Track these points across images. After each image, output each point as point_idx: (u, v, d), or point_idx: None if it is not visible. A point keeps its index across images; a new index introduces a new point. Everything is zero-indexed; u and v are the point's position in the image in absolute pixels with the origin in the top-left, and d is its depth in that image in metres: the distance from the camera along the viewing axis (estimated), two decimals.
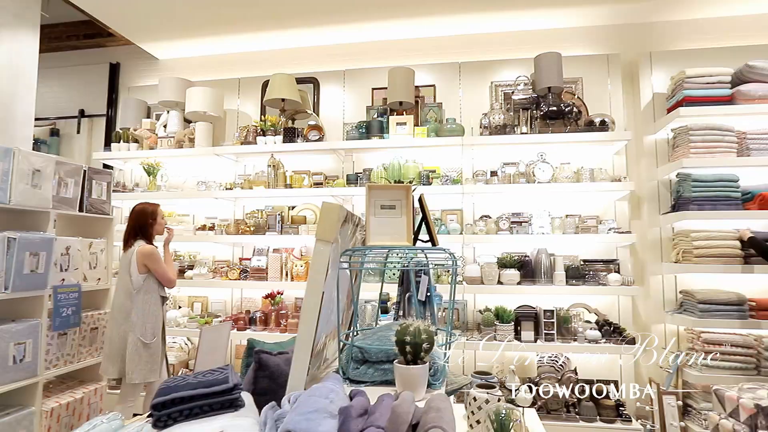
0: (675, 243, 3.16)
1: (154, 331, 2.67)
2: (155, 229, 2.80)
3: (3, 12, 3.06)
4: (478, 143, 3.35)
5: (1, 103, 3.05)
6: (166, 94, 3.84)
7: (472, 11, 3.46)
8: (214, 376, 1.04)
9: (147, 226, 2.77)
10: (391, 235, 1.28)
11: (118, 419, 1.48)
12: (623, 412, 2.97)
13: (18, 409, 2.42)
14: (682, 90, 3.05)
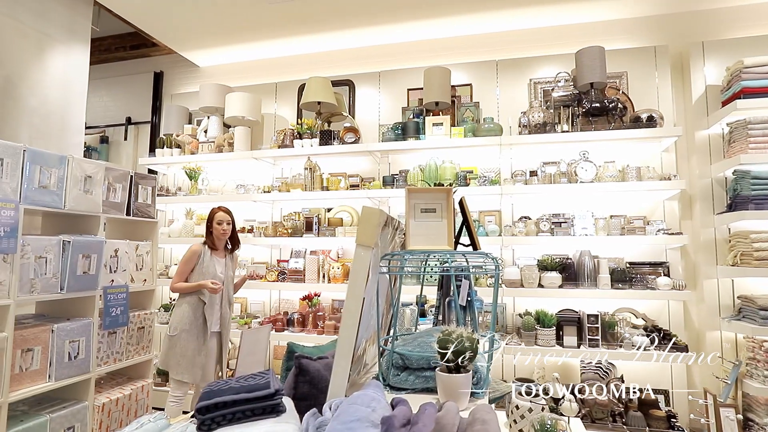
0: (732, 245, 2.96)
1: (177, 326, 2.82)
2: (213, 233, 2.93)
3: (57, 27, 3.23)
4: (516, 143, 3.26)
5: (55, 112, 3.22)
6: (206, 100, 3.95)
7: (509, 7, 3.38)
8: (255, 380, 1.04)
9: (208, 229, 2.97)
10: (432, 239, 1.25)
11: (164, 419, 1.51)
12: (675, 424, 2.80)
13: (73, 404, 2.54)
14: (739, 81, 2.86)
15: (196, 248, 2.88)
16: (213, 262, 2.91)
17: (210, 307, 2.85)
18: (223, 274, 2.93)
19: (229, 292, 2.96)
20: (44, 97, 3.13)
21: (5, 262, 2.16)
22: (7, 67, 2.89)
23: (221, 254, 2.97)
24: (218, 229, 2.90)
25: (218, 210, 2.94)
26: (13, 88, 2.92)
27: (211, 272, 2.88)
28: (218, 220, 2.91)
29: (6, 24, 2.89)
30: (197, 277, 2.85)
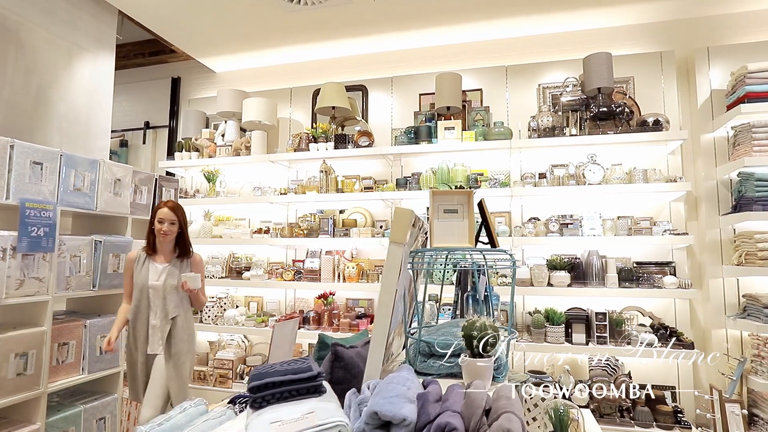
0: (737, 245, 3.04)
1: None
2: (153, 232, 2.47)
3: (85, 36, 3.37)
4: (526, 146, 3.36)
5: (82, 118, 3.36)
6: (224, 105, 4.08)
7: (518, 15, 3.48)
8: (297, 365, 1.15)
9: (149, 228, 2.50)
10: (454, 238, 1.36)
11: (203, 404, 1.64)
12: (682, 419, 2.89)
13: (103, 395, 2.67)
14: (743, 86, 2.95)
15: (131, 254, 2.48)
16: (146, 270, 2.43)
17: (135, 326, 2.40)
18: (159, 282, 2.42)
19: (166, 305, 2.41)
20: (72, 103, 3.27)
21: (45, 260, 2.29)
22: (40, 75, 3.03)
23: (162, 260, 2.48)
24: (158, 228, 2.42)
25: (163, 206, 2.44)
26: (45, 95, 3.06)
27: (141, 281, 2.40)
28: (159, 217, 2.42)
29: (39, 35, 3.04)
30: (130, 289, 2.46)
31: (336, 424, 0.94)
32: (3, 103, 2.81)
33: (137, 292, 2.39)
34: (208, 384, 3.75)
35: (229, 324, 3.74)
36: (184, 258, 2.53)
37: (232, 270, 3.96)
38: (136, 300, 2.39)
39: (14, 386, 2.14)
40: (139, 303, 2.39)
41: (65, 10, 3.23)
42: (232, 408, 1.59)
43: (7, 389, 2.10)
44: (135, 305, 2.39)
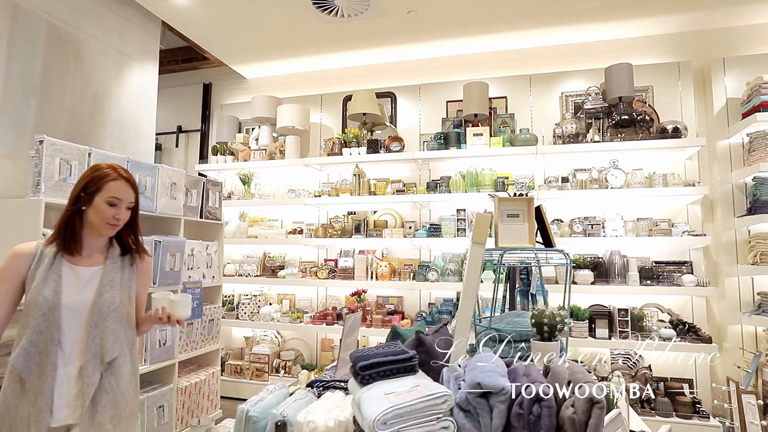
0: (752, 245, 3.23)
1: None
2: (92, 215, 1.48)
3: (133, 46, 3.57)
4: (551, 152, 3.55)
5: (130, 123, 3.56)
6: (258, 111, 4.28)
7: (542, 26, 3.67)
8: (392, 348, 1.34)
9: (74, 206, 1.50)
10: (516, 238, 1.54)
11: (285, 389, 1.83)
12: (700, 409, 3.07)
13: (161, 385, 2.86)
14: (759, 95, 3.13)
15: (21, 248, 1.47)
16: (55, 276, 1.43)
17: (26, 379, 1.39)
18: (85, 298, 1.46)
19: (98, 340, 1.45)
20: (122, 110, 3.46)
21: None
22: (95, 84, 3.23)
23: (89, 261, 1.51)
24: (107, 214, 1.46)
25: (115, 176, 1.48)
26: (99, 103, 3.26)
27: (46, 297, 1.39)
28: (112, 196, 1.46)
29: (94, 46, 3.23)
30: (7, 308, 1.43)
31: (443, 394, 1.12)
32: (65, 112, 3.01)
33: (36, 318, 1.38)
34: (245, 377, 3.94)
35: (265, 320, 3.94)
36: (133, 258, 1.59)
37: (267, 268, 4.15)
38: (33, 332, 1.38)
39: None
40: (39, 337, 1.38)
41: (116, 22, 3.42)
42: (311, 391, 1.78)
43: None
44: (28, 341, 1.38)
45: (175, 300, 1.60)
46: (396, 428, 1.06)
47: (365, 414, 1.12)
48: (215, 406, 3.31)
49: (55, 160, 2.22)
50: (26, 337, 1.40)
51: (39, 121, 2.81)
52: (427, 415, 1.10)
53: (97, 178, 1.49)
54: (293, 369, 3.89)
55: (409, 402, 1.10)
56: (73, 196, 1.50)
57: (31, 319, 1.40)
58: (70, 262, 1.48)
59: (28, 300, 1.41)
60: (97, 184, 1.47)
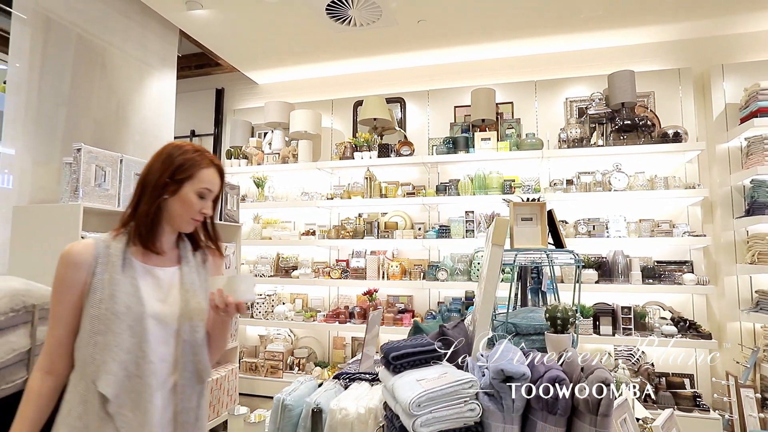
0: (750, 245, 3.36)
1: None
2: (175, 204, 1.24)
3: (153, 55, 3.71)
4: (556, 155, 3.68)
5: (150, 129, 3.69)
6: (271, 116, 4.41)
7: (547, 33, 3.80)
8: (418, 341, 1.48)
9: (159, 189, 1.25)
10: (530, 240, 1.68)
11: (313, 380, 1.97)
12: (701, 403, 3.20)
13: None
14: (756, 101, 3.26)
15: (77, 248, 1.18)
16: (131, 280, 1.18)
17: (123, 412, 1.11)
18: (170, 308, 1.22)
19: (194, 358, 1.23)
20: (143, 116, 3.60)
21: None
22: (119, 92, 3.37)
23: (163, 261, 1.27)
24: (196, 207, 1.24)
25: (209, 163, 1.27)
26: (122, 110, 3.40)
27: (128, 306, 1.14)
28: (204, 187, 1.25)
29: (118, 56, 3.37)
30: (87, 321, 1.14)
31: (469, 380, 1.26)
32: (91, 119, 3.15)
33: (119, 332, 1.12)
34: (260, 374, 4.07)
35: (279, 319, 4.07)
36: (204, 256, 1.36)
37: (280, 269, 4.28)
38: (118, 350, 1.11)
39: None
40: (128, 356, 1.12)
41: (138, 32, 3.56)
42: (338, 382, 1.91)
43: None
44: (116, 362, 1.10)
45: (234, 277, 1.21)
46: (429, 409, 1.20)
47: (400, 398, 1.25)
48: (234, 401, 3.44)
49: (91, 167, 2.36)
50: (109, 357, 1.10)
51: (68, 129, 2.95)
52: (456, 399, 1.23)
53: (189, 163, 1.23)
54: (306, 366, 4.02)
55: (439, 387, 1.23)
56: (156, 182, 1.22)
57: (112, 336, 1.11)
58: (143, 262, 1.23)
59: (103, 311, 1.12)
60: (188, 171, 1.23)
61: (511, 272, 1.70)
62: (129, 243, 1.23)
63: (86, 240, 1.21)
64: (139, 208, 1.23)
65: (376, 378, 1.80)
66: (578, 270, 1.66)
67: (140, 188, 1.25)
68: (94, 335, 1.13)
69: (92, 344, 1.12)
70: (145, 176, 1.26)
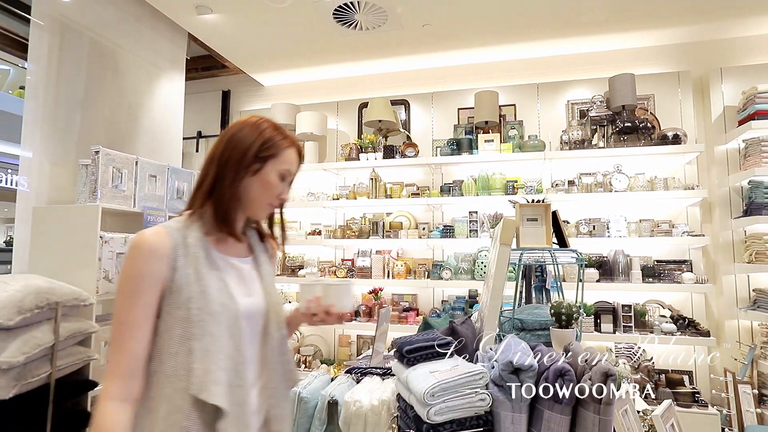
0: (748, 245, 3.43)
1: None
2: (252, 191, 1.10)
3: (162, 58, 3.79)
4: (558, 157, 3.75)
5: (160, 130, 3.77)
6: (277, 117, 4.49)
7: (549, 37, 3.87)
8: (429, 336, 1.55)
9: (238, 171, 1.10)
10: (535, 239, 1.75)
11: (326, 374, 2.05)
12: (699, 399, 3.28)
13: None
14: (754, 104, 3.34)
15: (150, 237, 0.99)
16: (216, 273, 1.03)
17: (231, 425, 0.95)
18: (258, 301, 1.10)
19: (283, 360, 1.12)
20: (152, 118, 3.68)
21: None
22: (130, 95, 3.44)
23: (237, 250, 1.13)
24: (276, 187, 1.10)
25: (291, 142, 1.13)
26: (133, 112, 3.47)
27: (223, 304, 0.99)
28: (285, 168, 1.11)
29: (129, 59, 3.44)
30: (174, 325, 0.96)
31: (480, 371, 1.33)
32: (104, 121, 3.22)
33: (217, 334, 0.97)
34: None
35: None
36: (268, 246, 1.23)
37: (287, 268, 4.36)
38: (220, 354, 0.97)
39: None
40: (230, 362, 0.98)
41: (148, 36, 3.64)
42: (350, 376, 1.99)
43: None
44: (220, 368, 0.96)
45: (333, 285, 1.14)
46: (442, 399, 1.28)
47: (415, 389, 1.33)
48: None
49: (108, 169, 2.43)
50: (213, 365, 0.93)
51: (82, 131, 3.02)
52: (467, 389, 1.31)
53: (274, 140, 1.09)
54: (313, 363, 4.10)
55: (452, 378, 1.31)
56: (241, 158, 1.05)
57: (210, 339, 0.94)
58: (221, 253, 1.07)
59: (195, 312, 0.95)
60: (273, 149, 1.09)
61: (516, 271, 1.78)
62: (205, 230, 1.06)
63: (156, 228, 1.02)
64: (217, 190, 1.06)
65: (386, 372, 1.87)
66: (582, 269, 1.73)
67: (217, 167, 1.07)
68: (187, 341, 0.95)
69: (186, 352, 0.94)
70: (224, 152, 1.07)
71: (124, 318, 0.95)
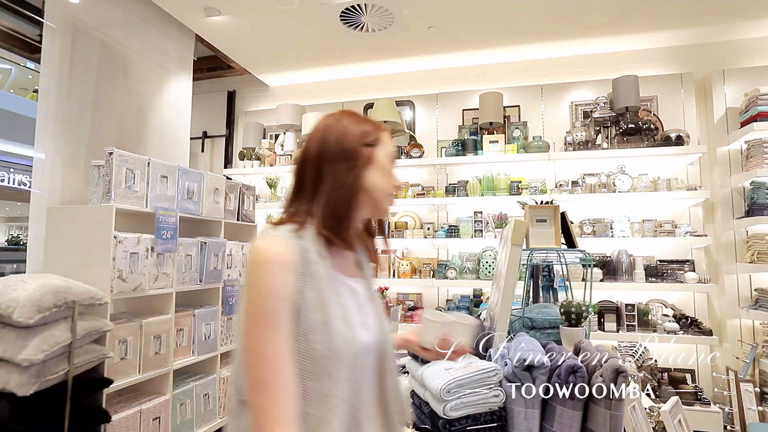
0: (749, 245, 3.47)
1: None
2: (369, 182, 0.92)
3: (170, 60, 3.82)
4: (562, 158, 3.79)
5: (168, 131, 3.81)
6: (283, 118, 4.53)
7: (553, 39, 3.91)
8: None
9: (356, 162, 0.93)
10: (544, 240, 1.79)
11: None
12: (701, 397, 3.32)
13: (205, 375, 3.11)
14: (756, 106, 3.37)
15: (277, 253, 0.81)
16: (339, 299, 0.85)
17: None
18: (379, 335, 0.92)
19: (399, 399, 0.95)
20: (161, 119, 3.71)
21: (170, 258, 2.73)
22: (139, 96, 3.48)
23: (351, 268, 0.95)
24: (391, 174, 0.96)
25: (381, 126, 0.98)
26: (142, 113, 3.51)
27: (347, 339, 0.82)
28: (391, 144, 0.98)
29: (138, 61, 3.48)
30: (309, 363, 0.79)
31: (494, 368, 1.37)
32: (114, 122, 3.26)
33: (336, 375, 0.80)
34: None
35: None
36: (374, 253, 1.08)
37: None
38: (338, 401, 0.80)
39: (153, 363, 2.58)
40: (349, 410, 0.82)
41: (157, 38, 3.67)
42: None
43: (148, 365, 2.55)
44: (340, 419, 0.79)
45: (466, 325, 1.07)
46: (458, 395, 1.32)
47: (430, 385, 1.37)
48: None
49: (122, 170, 2.47)
50: (330, 413, 0.78)
51: (93, 133, 3.06)
52: (482, 385, 1.35)
53: (371, 126, 0.95)
54: None
55: (467, 375, 1.35)
56: (346, 151, 0.89)
57: (329, 381, 0.79)
58: (337, 271, 0.89)
59: (315, 347, 0.79)
60: (375, 134, 0.94)
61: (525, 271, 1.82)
62: (317, 242, 0.86)
63: (274, 237, 0.85)
64: (324, 191, 0.88)
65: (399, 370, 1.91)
66: (590, 269, 1.77)
67: (320, 165, 0.89)
68: (303, 381, 0.79)
69: (301, 394, 0.78)
70: (323, 148, 0.90)
71: (267, 351, 0.76)
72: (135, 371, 2.48)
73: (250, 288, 0.80)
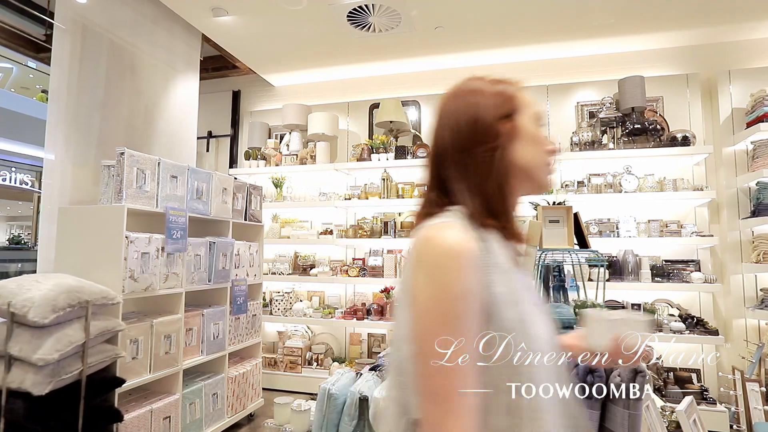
0: (755, 245, 3.48)
1: None
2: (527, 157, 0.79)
3: (178, 59, 3.83)
4: (568, 158, 3.80)
5: (175, 130, 3.81)
6: (288, 118, 4.53)
7: (558, 39, 3.92)
8: None
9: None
10: (557, 240, 1.80)
11: (351, 372, 2.09)
12: (708, 396, 3.33)
13: (213, 375, 3.12)
14: (762, 106, 3.38)
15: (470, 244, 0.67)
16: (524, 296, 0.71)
17: None
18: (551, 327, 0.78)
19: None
20: (168, 119, 3.72)
21: (180, 258, 2.74)
22: (147, 96, 3.48)
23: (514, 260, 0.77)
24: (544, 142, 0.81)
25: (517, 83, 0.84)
26: (150, 113, 3.51)
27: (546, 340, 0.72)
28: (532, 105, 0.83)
29: (146, 61, 3.49)
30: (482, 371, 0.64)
31: None
32: (122, 121, 3.26)
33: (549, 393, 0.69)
34: (279, 369, 4.19)
35: (298, 316, 4.19)
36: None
37: (298, 267, 4.41)
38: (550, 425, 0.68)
39: (164, 362, 2.59)
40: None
41: (165, 38, 3.68)
42: (375, 374, 2.04)
43: (159, 365, 2.56)
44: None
45: (638, 320, 0.93)
46: None
47: None
48: (258, 395, 3.57)
49: (133, 170, 2.48)
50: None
51: (102, 133, 3.07)
52: None
53: (506, 88, 0.83)
54: (324, 361, 4.15)
55: None
56: (488, 130, 0.77)
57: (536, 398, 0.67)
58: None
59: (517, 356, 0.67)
60: (510, 101, 0.81)
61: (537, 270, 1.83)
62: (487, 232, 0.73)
63: (449, 223, 0.71)
64: (471, 182, 0.76)
65: None
66: (603, 269, 1.78)
67: (453, 152, 0.78)
68: (499, 394, 0.66)
69: (504, 411, 0.66)
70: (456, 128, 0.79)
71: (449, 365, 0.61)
72: (146, 371, 2.49)
73: (427, 286, 0.65)
